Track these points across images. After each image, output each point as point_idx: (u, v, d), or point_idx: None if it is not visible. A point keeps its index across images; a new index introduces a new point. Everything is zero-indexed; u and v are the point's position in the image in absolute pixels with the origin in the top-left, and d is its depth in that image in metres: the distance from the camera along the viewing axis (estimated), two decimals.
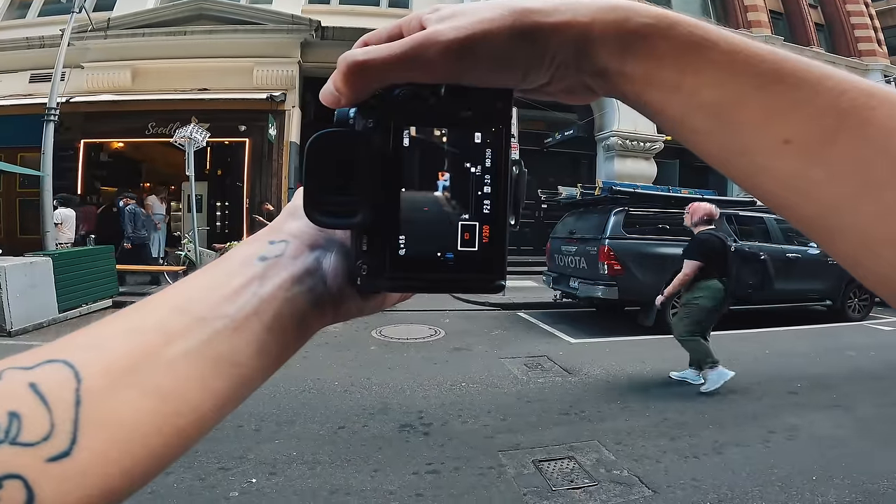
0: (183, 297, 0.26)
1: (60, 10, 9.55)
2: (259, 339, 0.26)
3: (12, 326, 5.73)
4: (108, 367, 0.22)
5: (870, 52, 15.53)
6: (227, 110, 10.07)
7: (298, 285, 0.28)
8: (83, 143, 10.68)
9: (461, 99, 0.27)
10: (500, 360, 5.01)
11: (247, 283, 0.27)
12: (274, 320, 0.27)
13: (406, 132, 0.27)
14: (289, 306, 0.27)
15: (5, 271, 5.72)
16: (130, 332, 0.24)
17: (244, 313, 0.26)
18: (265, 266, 0.28)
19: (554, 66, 0.26)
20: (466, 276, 0.28)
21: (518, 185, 0.30)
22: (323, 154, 0.27)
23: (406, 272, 0.28)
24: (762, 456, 3.07)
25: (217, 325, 0.25)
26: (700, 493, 2.66)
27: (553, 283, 7.48)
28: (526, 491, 2.69)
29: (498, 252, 0.28)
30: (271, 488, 2.68)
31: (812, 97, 0.23)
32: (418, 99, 0.27)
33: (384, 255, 0.28)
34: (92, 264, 7.16)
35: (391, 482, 2.75)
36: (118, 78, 10.45)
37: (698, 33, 0.25)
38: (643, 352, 5.39)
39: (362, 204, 0.27)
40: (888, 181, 0.21)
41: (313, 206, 0.27)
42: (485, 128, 0.28)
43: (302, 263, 0.29)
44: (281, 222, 0.31)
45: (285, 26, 10.52)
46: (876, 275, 0.23)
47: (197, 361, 0.24)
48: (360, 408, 3.73)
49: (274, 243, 0.29)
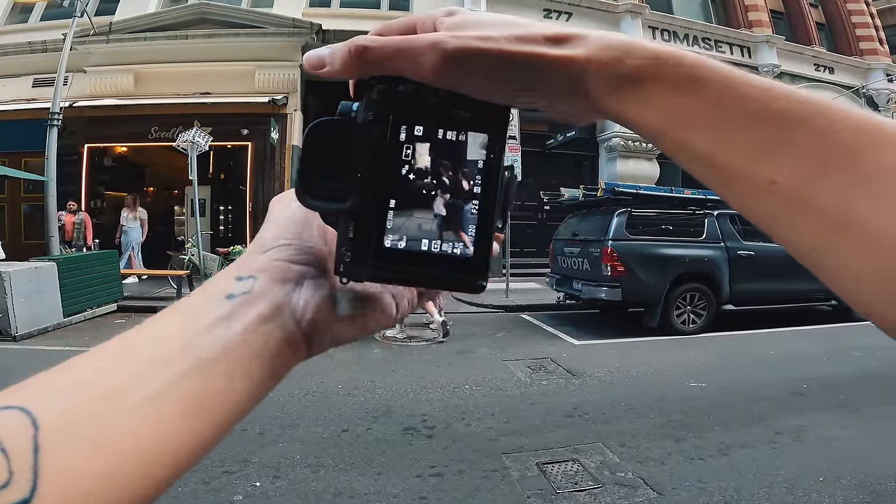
0: (146, 339, 0.26)
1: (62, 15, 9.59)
2: (228, 381, 0.25)
3: (18, 331, 5.76)
4: (65, 414, 0.22)
5: (871, 51, 15.46)
6: (230, 114, 10.10)
7: (267, 324, 0.27)
8: (87, 147, 10.73)
9: (461, 101, 0.28)
10: (503, 363, 5.00)
11: (213, 323, 0.26)
12: (243, 361, 0.26)
13: (404, 128, 0.28)
14: (258, 346, 0.26)
15: (10, 276, 5.75)
16: (89, 377, 0.23)
17: (211, 355, 0.25)
18: (232, 305, 0.27)
19: (549, 94, 0.27)
20: (449, 273, 0.29)
21: (508, 189, 0.30)
22: (322, 140, 0.28)
23: (389, 262, 0.28)
24: (768, 457, 3.04)
25: (182, 367, 0.24)
26: (706, 495, 2.64)
27: (556, 285, 7.47)
28: (530, 494, 2.68)
29: (482, 252, 0.29)
30: (275, 492, 2.68)
31: (799, 137, 0.23)
32: (419, 97, 0.28)
33: (369, 243, 0.28)
34: (96, 269, 7.19)
35: (395, 485, 2.74)
36: (121, 82, 10.50)
37: (689, 73, 0.25)
38: (647, 353, 5.37)
39: (353, 191, 0.28)
40: (868, 219, 0.22)
41: (306, 190, 0.28)
42: (481, 130, 0.29)
43: (271, 300, 0.28)
44: (249, 256, 0.30)
45: (286, 30, 10.55)
46: (868, 309, 0.23)
47: (162, 405, 0.23)
48: (364, 411, 3.73)
49: (241, 279, 0.28)
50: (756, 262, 6.49)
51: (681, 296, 6.38)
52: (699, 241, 6.62)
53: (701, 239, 6.63)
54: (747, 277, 6.54)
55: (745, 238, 6.65)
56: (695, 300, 6.46)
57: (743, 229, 6.69)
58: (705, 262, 6.53)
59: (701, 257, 6.53)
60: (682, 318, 6.41)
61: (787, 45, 14.26)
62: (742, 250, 6.58)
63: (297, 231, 0.30)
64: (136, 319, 6.89)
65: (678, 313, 6.39)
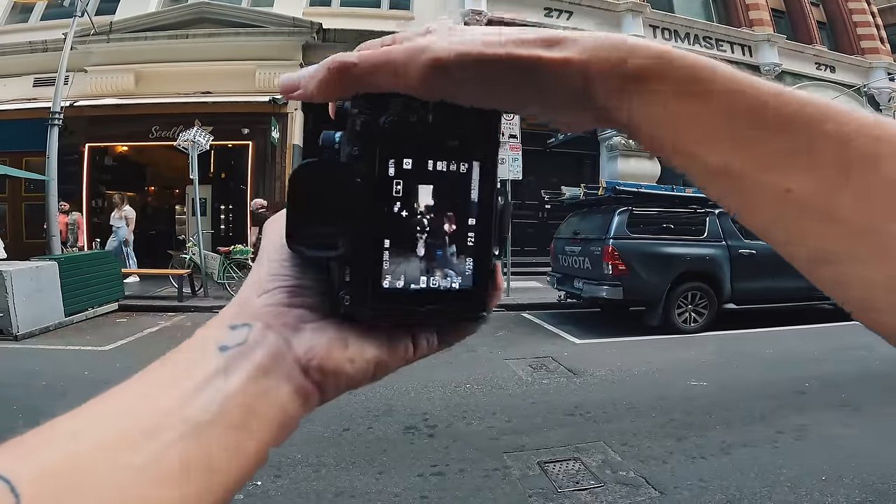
0: (134, 398, 0.23)
1: (63, 14, 9.59)
2: (232, 441, 0.23)
3: (19, 330, 5.77)
4: (47, 484, 0.20)
5: (873, 49, 15.43)
6: (230, 113, 10.10)
7: (268, 376, 0.25)
8: (88, 147, 10.74)
9: (449, 128, 0.27)
10: (504, 362, 5.00)
11: (208, 378, 0.24)
12: (246, 417, 0.24)
13: (392, 162, 0.27)
14: (262, 400, 0.24)
15: (11, 275, 5.75)
16: (71, 444, 0.21)
17: (209, 415, 0.23)
18: (228, 357, 0.25)
19: (549, 100, 0.26)
20: (449, 307, 0.28)
21: (503, 215, 0.29)
22: (307, 184, 0.26)
23: (389, 303, 0.27)
24: (770, 456, 3.04)
25: (178, 430, 0.22)
26: (708, 494, 2.63)
27: (557, 284, 7.46)
28: (531, 493, 2.67)
29: (482, 284, 0.28)
30: (276, 491, 2.67)
31: (816, 146, 0.23)
32: (405, 127, 0.27)
33: (367, 286, 0.27)
34: (97, 268, 7.19)
35: (396, 484, 2.74)
36: (121, 81, 10.51)
37: (691, 74, 0.24)
38: (648, 352, 5.36)
39: (345, 235, 0.26)
40: (889, 227, 0.22)
41: (295, 238, 0.27)
42: (472, 158, 0.28)
43: (269, 350, 0.26)
44: (243, 300, 0.28)
45: (287, 29, 10.55)
46: (877, 317, 0.23)
47: (158, 470, 0.21)
48: (365, 410, 3.73)
49: (236, 328, 0.26)
50: (758, 261, 6.47)
51: (682, 294, 6.37)
52: (700, 239, 6.61)
53: (702, 237, 6.62)
54: (749, 276, 6.52)
55: (746, 236, 6.63)
56: (696, 299, 6.45)
57: (743, 227, 6.66)
58: (707, 260, 6.52)
59: (702, 256, 6.52)
60: (684, 317, 6.40)
61: (789, 44, 14.23)
62: (743, 249, 6.57)
63: (294, 268, 0.28)
64: (136, 318, 6.92)
65: (679, 312, 6.38)
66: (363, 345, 0.27)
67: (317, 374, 0.26)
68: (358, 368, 0.27)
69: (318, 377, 0.26)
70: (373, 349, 0.28)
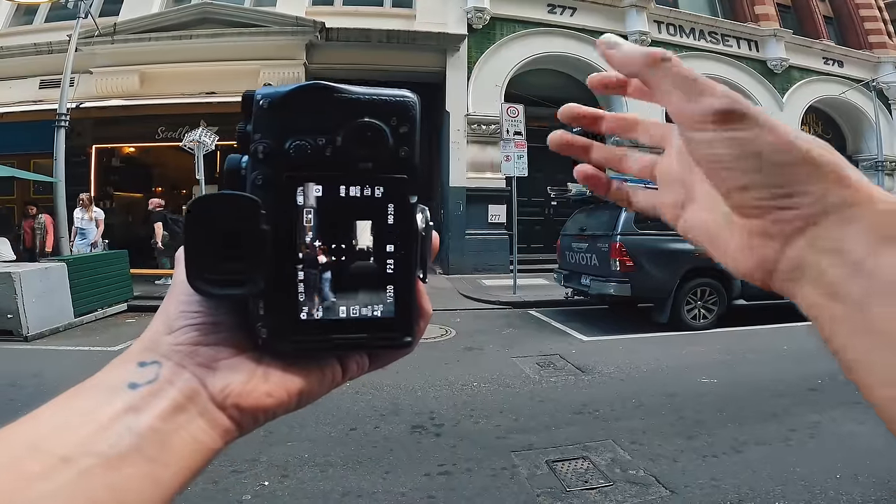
0: (38, 432, 0.23)
1: (66, 16, 9.63)
2: (148, 473, 0.23)
3: (29, 331, 5.81)
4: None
5: (880, 44, 15.23)
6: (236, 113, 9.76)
7: (183, 412, 0.24)
8: (95, 148, 10.81)
9: (360, 150, 0.26)
10: (511, 360, 4.97)
11: (117, 415, 0.23)
12: (161, 452, 0.23)
13: (300, 189, 0.25)
14: (176, 436, 0.24)
15: (21, 277, 5.80)
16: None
17: (118, 450, 0.22)
18: (138, 395, 0.24)
19: (778, 211, 0.25)
20: (372, 335, 0.28)
21: (425, 238, 0.28)
22: (205, 222, 0.24)
23: (308, 335, 0.26)
24: (783, 454, 2.99)
25: (86, 463, 0.22)
26: (720, 493, 2.60)
27: (564, 281, 7.42)
28: (540, 492, 2.65)
29: (403, 310, 0.28)
30: (283, 491, 2.67)
31: None
32: (312, 151, 0.25)
33: (283, 319, 0.26)
34: (106, 269, 7.24)
35: (403, 484, 2.72)
36: (127, 82, 10.56)
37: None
38: (657, 349, 5.31)
39: (252, 271, 0.25)
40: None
41: (196, 276, 0.25)
42: (388, 182, 0.26)
43: (181, 389, 0.25)
44: (154, 335, 0.27)
45: (290, 28, 10.54)
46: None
47: (67, 499, 0.21)
48: (372, 409, 3.71)
49: (145, 365, 0.25)
50: None
51: (691, 291, 6.31)
52: None
53: None
54: None
55: None
56: (705, 295, 6.39)
57: None
58: None
59: None
60: (693, 314, 6.34)
61: (795, 39, 14.06)
62: None
63: (204, 303, 0.27)
64: (146, 319, 6.95)
65: (688, 309, 6.32)
66: (285, 377, 0.27)
67: (234, 411, 0.26)
68: (278, 402, 0.27)
69: (236, 414, 0.26)
70: (296, 380, 0.27)
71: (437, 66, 10.95)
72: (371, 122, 0.26)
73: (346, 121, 0.26)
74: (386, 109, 0.26)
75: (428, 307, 0.30)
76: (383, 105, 0.26)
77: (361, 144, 0.26)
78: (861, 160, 15.02)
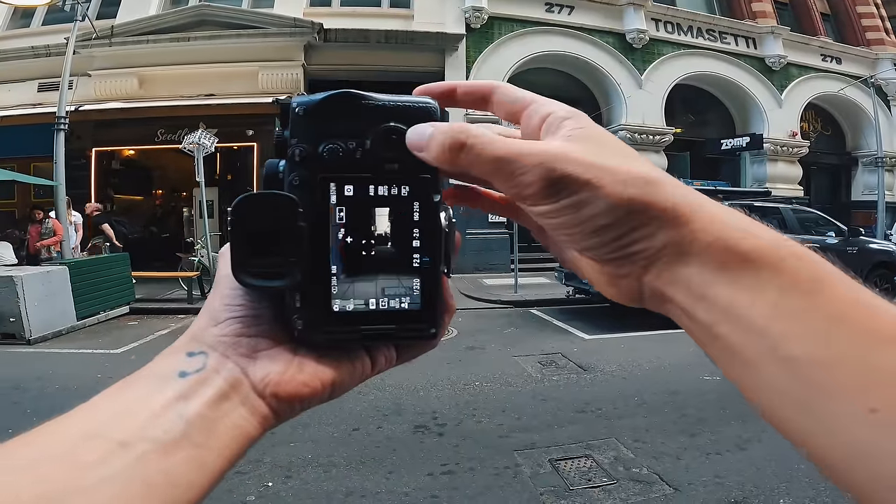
0: (96, 420, 0.24)
1: (64, 19, 9.63)
2: (195, 458, 0.24)
3: (32, 335, 5.82)
4: (17, 502, 0.21)
5: (878, 41, 15.23)
6: (235, 115, 10.12)
7: (228, 400, 0.26)
8: (94, 151, 10.81)
9: (388, 152, 0.28)
10: (513, 359, 4.97)
11: (169, 403, 0.25)
12: (208, 438, 0.25)
13: (333, 189, 0.28)
14: (221, 423, 0.26)
15: (22, 280, 5.81)
16: (38, 462, 0.22)
17: (171, 436, 0.24)
18: (187, 383, 0.26)
19: (631, 250, 0.26)
20: (400, 327, 0.29)
21: (448, 235, 0.30)
22: (247, 219, 0.27)
23: (341, 326, 0.28)
24: (788, 451, 2.97)
25: (141, 448, 0.23)
26: (724, 490, 2.60)
27: (565, 279, 7.43)
28: (543, 490, 2.65)
29: (429, 302, 0.29)
30: (287, 492, 2.67)
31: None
32: (344, 153, 0.28)
33: (318, 310, 0.28)
34: (108, 272, 7.24)
35: (406, 484, 2.73)
36: (125, 85, 10.56)
37: (812, 271, 0.24)
38: (659, 347, 5.30)
39: (290, 264, 0.27)
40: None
41: (240, 269, 0.27)
42: (413, 179, 0.28)
43: (227, 378, 0.27)
44: (201, 329, 0.28)
45: (288, 30, 10.55)
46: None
47: (123, 486, 0.22)
48: (374, 409, 3.72)
49: (193, 355, 0.27)
50: None
51: None
52: None
53: None
54: None
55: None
56: None
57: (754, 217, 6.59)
58: None
59: None
60: None
61: (793, 36, 14.06)
62: None
63: (246, 296, 0.29)
64: (147, 321, 6.96)
65: None
66: (318, 368, 0.28)
67: (272, 399, 0.27)
68: (313, 391, 0.28)
69: (274, 402, 0.27)
70: (329, 371, 0.29)
71: (435, 66, 10.94)
72: (397, 126, 0.28)
73: (373, 125, 0.28)
74: (410, 114, 0.29)
75: (452, 302, 0.31)
76: (407, 111, 0.29)
77: (388, 147, 0.28)
78: (861, 156, 15.02)
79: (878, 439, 0.20)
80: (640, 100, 12.22)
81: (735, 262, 0.24)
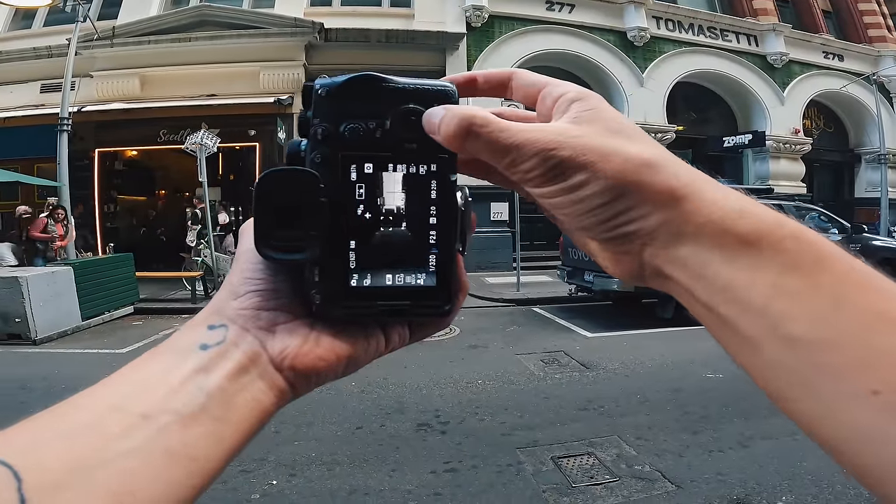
0: (119, 393, 0.25)
1: (65, 20, 9.63)
2: (213, 431, 0.25)
3: (37, 335, 5.85)
4: (48, 468, 0.21)
5: (880, 38, 15.14)
6: (236, 115, 10.14)
7: (247, 373, 0.27)
8: (97, 152, 10.84)
9: (406, 131, 0.28)
10: (516, 357, 4.98)
11: (189, 376, 0.25)
12: (226, 411, 0.25)
13: (353, 167, 0.28)
14: (239, 396, 0.26)
15: (28, 281, 5.84)
16: (65, 433, 0.23)
17: (191, 408, 0.24)
18: (207, 356, 0.26)
19: (629, 232, 0.27)
20: (416, 303, 0.30)
21: (464, 214, 0.30)
22: (272, 194, 0.27)
23: (358, 300, 0.29)
24: (790, 448, 2.98)
25: (163, 420, 0.24)
26: (726, 488, 2.60)
27: (568, 277, 7.42)
28: (545, 488, 2.66)
29: (445, 279, 0.30)
30: (291, 490, 2.69)
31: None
32: (364, 133, 0.28)
33: (336, 284, 0.28)
34: (112, 272, 7.28)
35: (409, 481, 2.74)
36: (127, 86, 10.58)
37: (813, 251, 0.24)
38: (661, 345, 5.31)
39: (311, 238, 0.28)
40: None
41: (263, 243, 0.28)
42: (431, 160, 0.29)
43: (246, 350, 0.27)
44: (221, 302, 0.29)
45: (288, 30, 10.55)
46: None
47: (146, 457, 0.23)
48: (377, 408, 3.73)
49: (213, 328, 0.28)
50: None
51: None
52: None
53: None
54: None
55: None
56: None
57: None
58: None
59: None
60: None
61: (795, 33, 13.99)
62: None
63: (266, 271, 0.29)
64: (152, 321, 6.99)
65: None
66: (334, 342, 0.29)
67: (290, 373, 0.28)
68: (329, 365, 0.29)
69: (291, 375, 0.28)
70: (345, 346, 0.29)
71: (436, 65, 10.94)
72: (416, 107, 0.29)
73: (393, 107, 0.29)
74: (428, 97, 0.29)
75: (466, 280, 0.31)
76: (426, 93, 0.29)
77: (407, 127, 0.28)
78: (864, 153, 14.95)
79: (882, 423, 0.20)
80: (642, 98, 12.19)
81: (732, 243, 0.24)
